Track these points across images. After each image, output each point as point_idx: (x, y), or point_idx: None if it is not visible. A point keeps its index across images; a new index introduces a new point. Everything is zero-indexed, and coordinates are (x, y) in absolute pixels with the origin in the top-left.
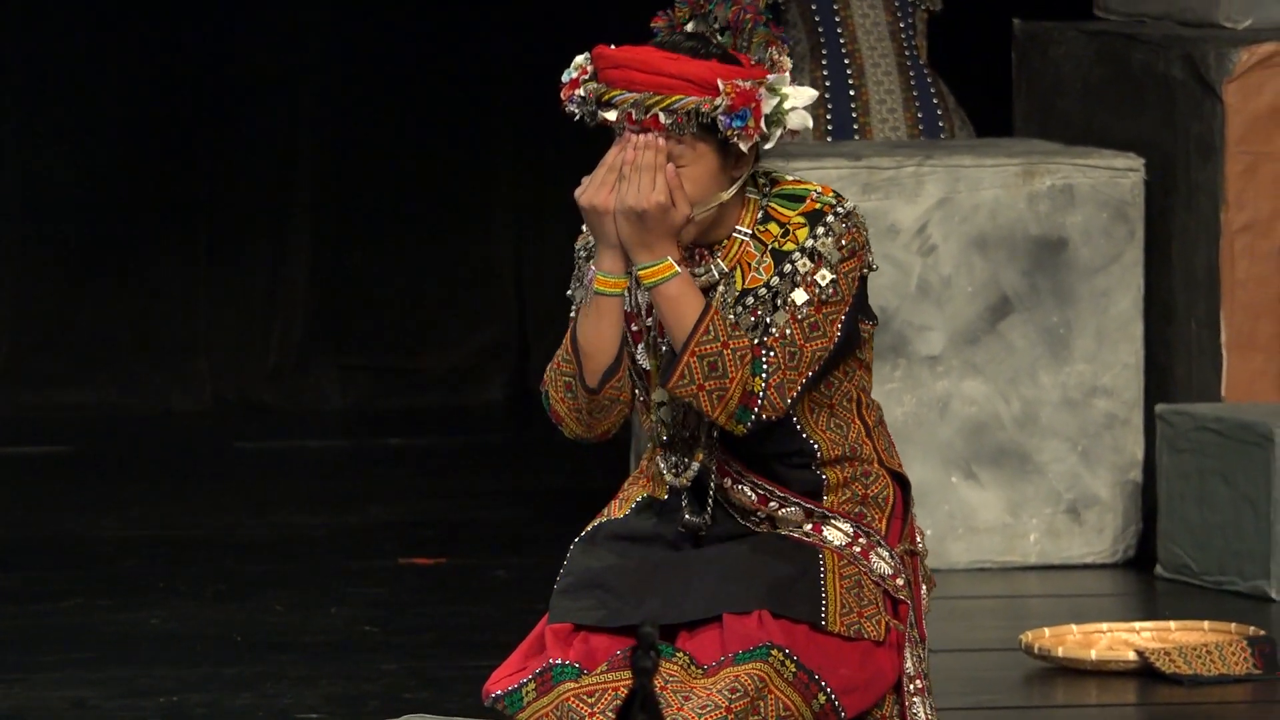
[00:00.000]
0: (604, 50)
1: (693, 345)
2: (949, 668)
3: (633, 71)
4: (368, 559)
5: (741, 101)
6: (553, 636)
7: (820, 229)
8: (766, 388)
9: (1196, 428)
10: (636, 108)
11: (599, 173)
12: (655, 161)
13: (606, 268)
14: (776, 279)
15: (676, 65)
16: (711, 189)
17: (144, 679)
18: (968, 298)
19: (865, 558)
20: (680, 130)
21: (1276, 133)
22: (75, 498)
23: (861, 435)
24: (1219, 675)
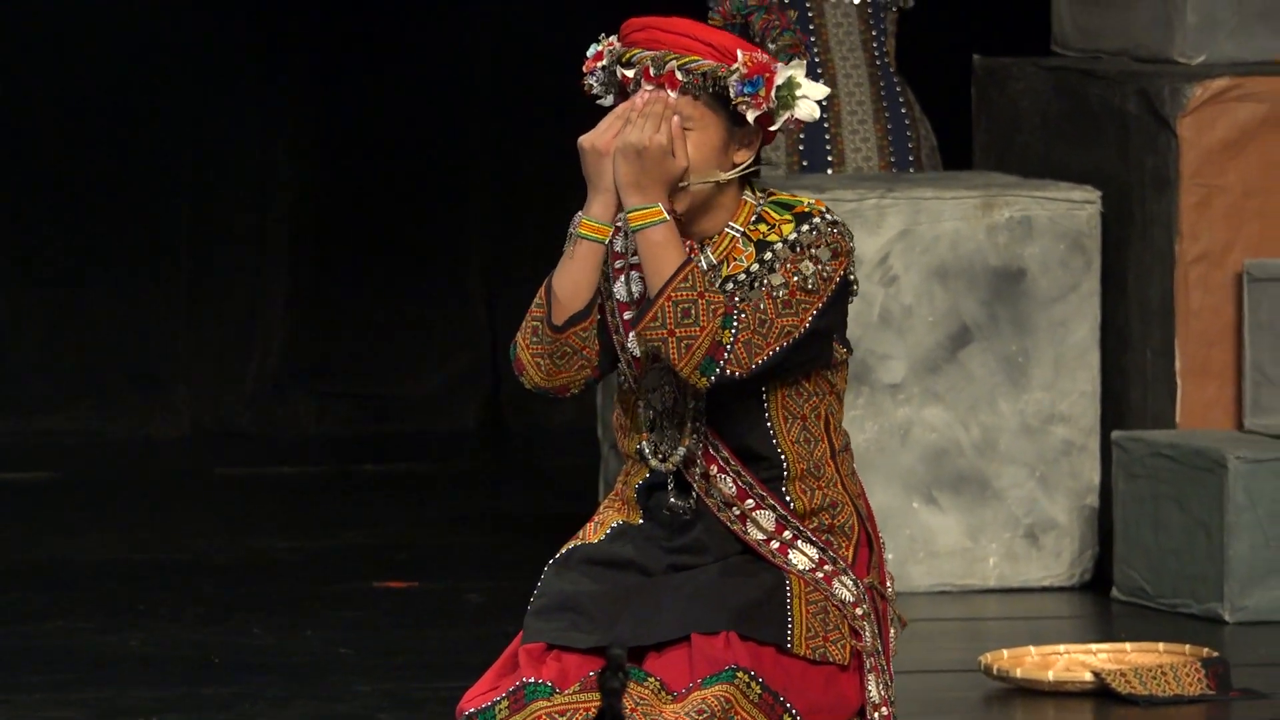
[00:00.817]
0: (633, 19)
1: (669, 290)
2: (910, 689)
3: (657, 31)
4: (343, 582)
5: (756, 71)
6: (526, 656)
7: (805, 226)
8: (735, 342)
9: (1151, 454)
10: (655, 63)
11: (605, 121)
12: (663, 111)
13: (595, 213)
14: (756, 265)
15: (700, 29)
16: (712, 162)
17: (124, 699)
18: (928, 327)
19: (829, 584)
20: (695, 91)
21: (1229, 166)
22: (57, 522)
23: (826, 455)
24: (1174, 696)
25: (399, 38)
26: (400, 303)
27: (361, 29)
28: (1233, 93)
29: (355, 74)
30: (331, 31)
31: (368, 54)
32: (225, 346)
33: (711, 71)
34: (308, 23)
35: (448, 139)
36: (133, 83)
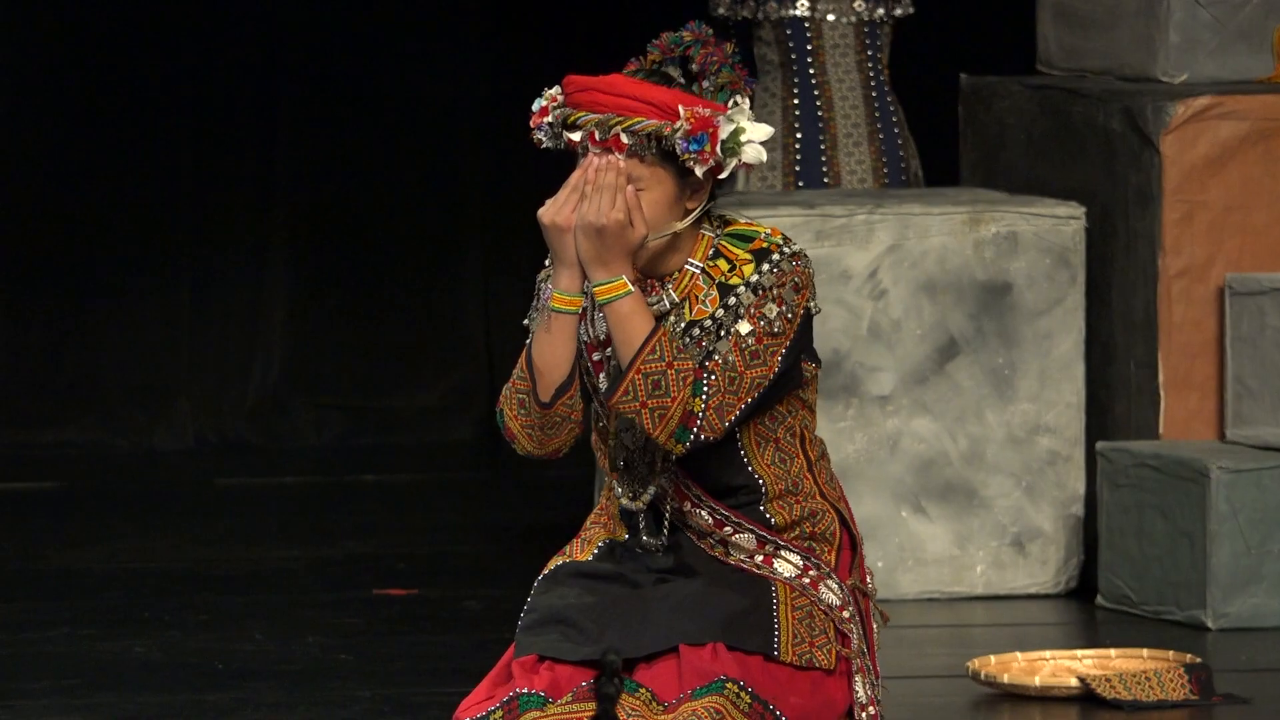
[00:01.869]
0: (573, 76)
1: (638, 363)
2: (899, 694)
3: (598, 93)
4: (343, 590)
5: (700, 127)
6: (519, 668)
7: (766, 265)
8: (706, 409)
9: (1135, 464)
10: (600, 127)
11: (562, 193)
12: (616, 181)
13: (564, 286)
14: (721, 310)
15: (640, 89)
16: (668, 216)
17: (128, 705)
18: (917, 340)
19: (815, 589)
20: (641, 151)
21: (1211, 182)
22: (63, 532)
23: (804, 470)
24: (1157, 701)
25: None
26: (398, 318)
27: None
28: (1214, 111)
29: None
30: (328, 44)
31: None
32: (226, 360)
33: (656, 132)
34: (304, 38)
35: (444, 156)
36: (134, 99)
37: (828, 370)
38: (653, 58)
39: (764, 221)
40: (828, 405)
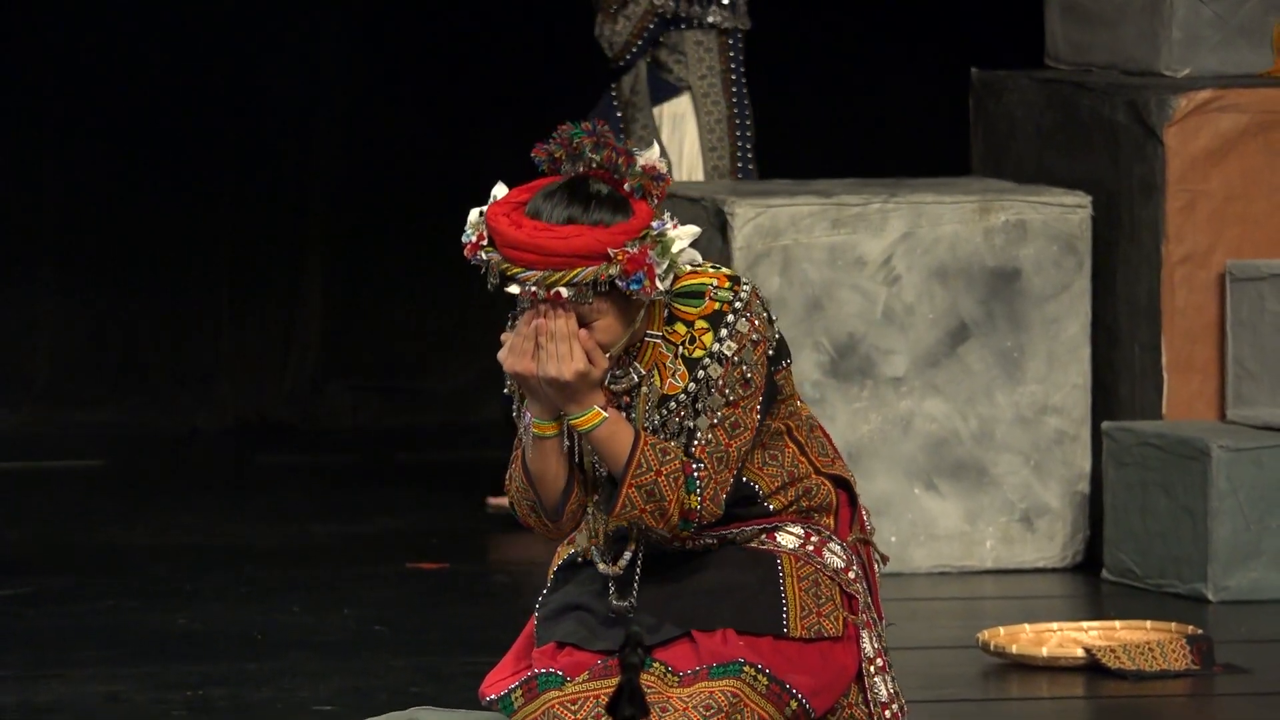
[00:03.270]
0: (497, 225)
1: (629, 479)
2: (911, 664)
3: (527, 254)
4: (377, 565)
5: (634, 266)
6: (539, 656)
7: (723, 331)
8: (702, 500)
9: (1139, 443)
10: (539, 285)
11: (516, 340)
12: (568, 329)
13: (538, 414)
14: (693, 384)
15: (566, 244)
16: (622, 330)
17: (171, 674)
18: (929, 324)
19: (819, 554)
20: (583, 299)
21: (1213, 172)
22: (110, 509)
23: (795, 456)
24: (1160, 671)
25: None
26: (430, 302)
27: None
28: (1215, 104)
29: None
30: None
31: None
32: (266, 344)
33: (593, 280)
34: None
35: (473, 148)
36: (175, 87)
37: (844, 353)
38: (557, 152)
39: (782, 215)
40: (844, 386)
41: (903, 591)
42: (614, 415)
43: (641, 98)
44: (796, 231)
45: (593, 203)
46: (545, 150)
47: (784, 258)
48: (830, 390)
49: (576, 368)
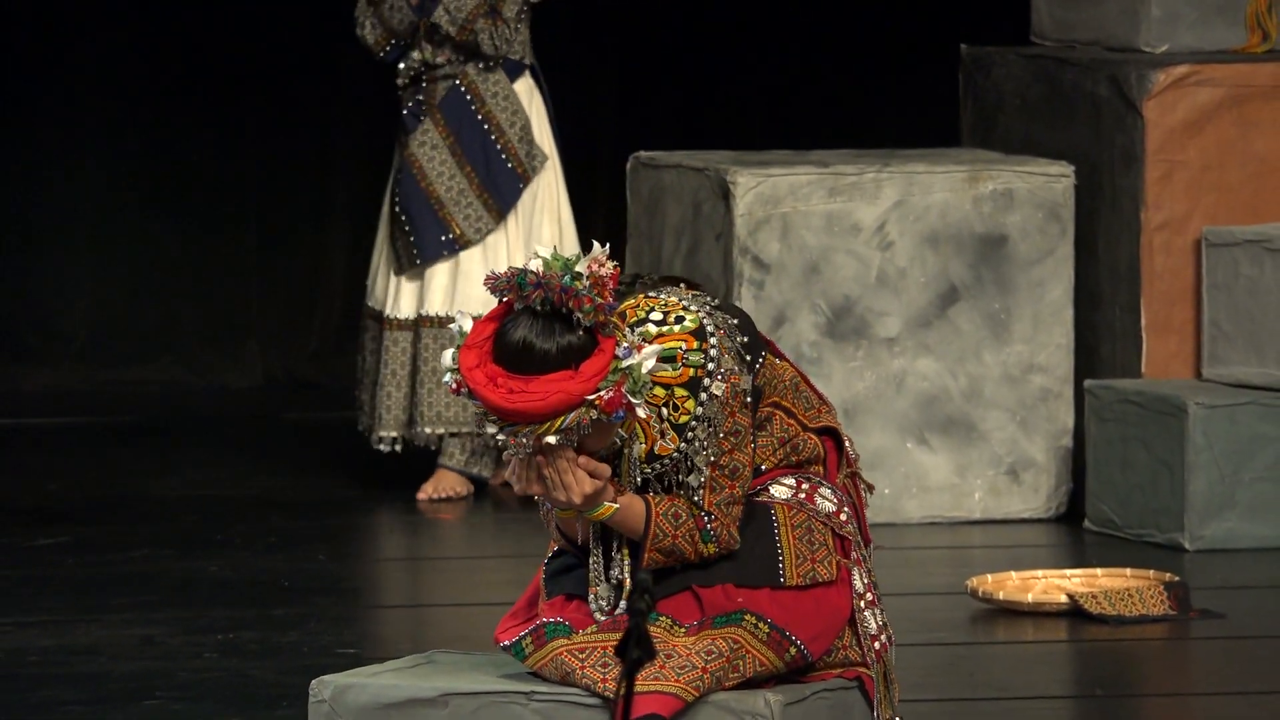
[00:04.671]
0: (476, 386)
1: (648, 545)
2: (903, 610)
3: (508, 414)
4: (397, 515)
5: (612, 406)
6: (547, 609)
7: (704, 395)
8: (719, 544)
9: (1120, 400)
10: (529, 438)
11: (520, 469)
12: (566, 463)
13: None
14: (684, 444)
15: (544, 404)
16: (610, 435)
17: (203, 619)
18: (921, 287)
19: (810, 501)
20: (569, 440)
21: (1190, 144)
22: (144, 462)
23: (783, 421)
24: (1139, 616)
25: None
26: None
27: None
28: (1192, 78)
29: None
30: None
31: None
32: (292, 305)
33: (576, 424)
34: None
35: None
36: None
37: (840, 315)
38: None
39: (782, 184)
40: (840, 346)
41: (895, 540)
42: (624, 501)
43: (500, 79)
44: (795, 199)
45: (556, 333)
46: (495, 287)
47: (783, 224)
48: (827, 350)
49: (584, 491)
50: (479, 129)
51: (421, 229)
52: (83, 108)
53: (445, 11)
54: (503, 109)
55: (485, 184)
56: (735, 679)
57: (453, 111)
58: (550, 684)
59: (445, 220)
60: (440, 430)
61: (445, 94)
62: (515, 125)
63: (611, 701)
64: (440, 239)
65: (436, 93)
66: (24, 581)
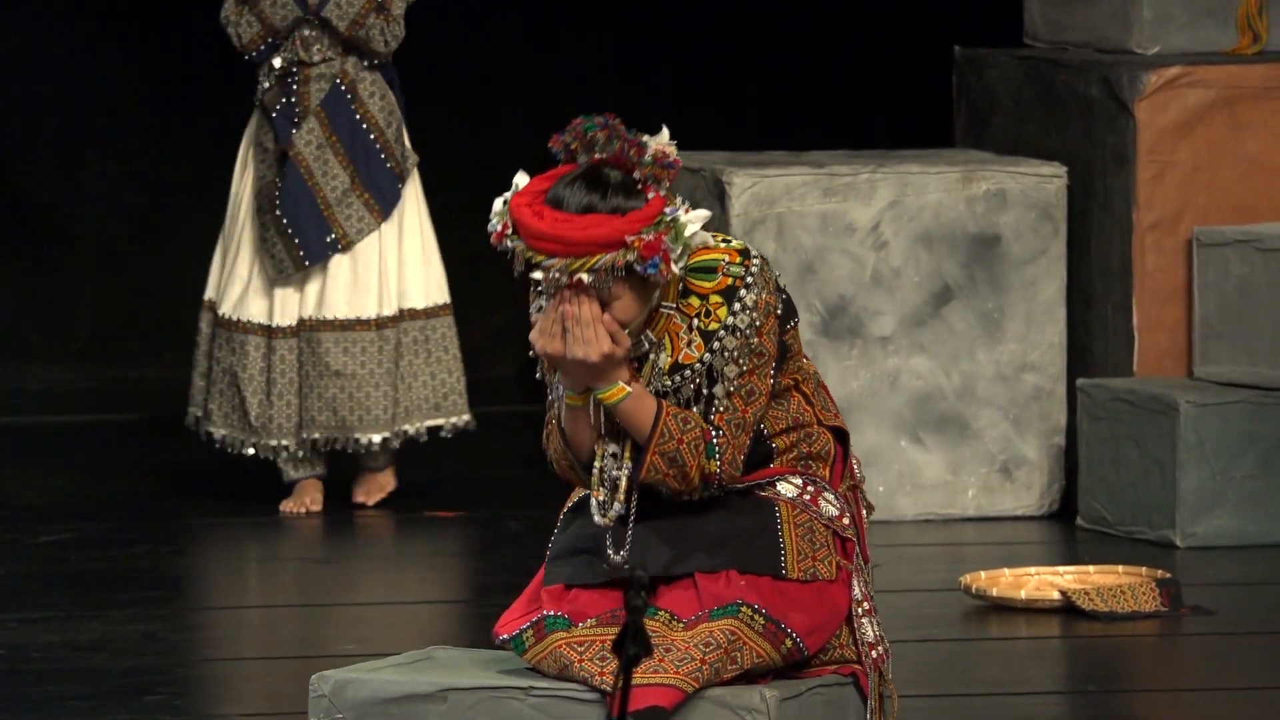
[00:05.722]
0: (520, 216)
1: (653, 446)
2: (897, 606)
3: (548, 243)
4: (399, 512)
5: (650, 252)
6: (547, 595)
7: (736, 304)
8: (721, 464)
9: (1112, 399)
10: (561, 272)
11: (545, 323)
12: (592, 314)
13: (570, 387)
14: (709, 354)
15: (585, 233)
16: (640, 308)
17: (204, 614)
18: (915, 286)
19: (815, 504)
20: (603, 283)
21: (1181, 144)
22: (147, 459)
23: (801, 404)
24: (1131, 612)
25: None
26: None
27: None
28: (1184, 80)
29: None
30: None
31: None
32: None
33: (611, 266)
34: None
35: (490, 117)
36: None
37: (835, 314)
38: (572, 144)
39: (779, 184)
40: (834, 345)
41: (889, 538)
42: (638, 389)
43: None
44: (790, 200)
45: (609, 191)
46: (561, 141)
47: (778, 224)
48: (822, 349)
49: (602, 349)
50: (358, 128)
51: (306, 231)
52: (86, 104)
53: (337, 6)
54: (380, 108)
55: (365, 184)
56: (733, 671)
57: (334, 110)
58: (548, 679)
59: (329, 220)
60: (330, 435)
61: (326, 93)
62: (392, 125)
63: (609, 695)
64: (325, 240)
65: (311, 92)
66: (27, 577)
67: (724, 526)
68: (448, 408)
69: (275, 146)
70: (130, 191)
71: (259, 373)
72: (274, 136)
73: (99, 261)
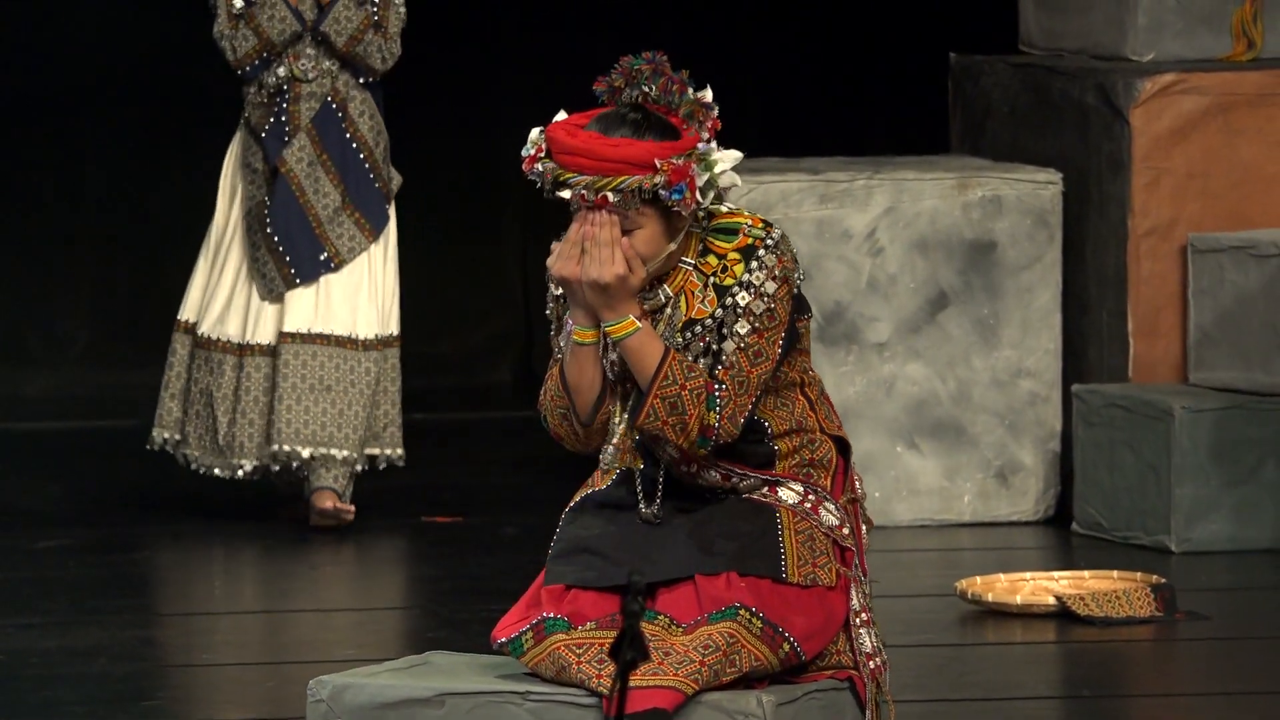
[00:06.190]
0: (555, 134)
1: (655, 389)
2: (894, 611)
3: (580, 158)
4: (395, 517)
5: (677, 177)
6: (547, 595)
7: (754, 263)
8: (721, 419)
9: (1107, 404)
10: (588, 189)
11: (564, 246)
12: (611, 236)
13: (580, 321)
14: (720, 310)
15: (617, 150)
16: (661, 245)
17: (202, 620)
18: (910, 292)
19: (815, 512)
20: (627, 205)
21: (1176, 151)
22: (144, 466)
23: (805, 409)
24: (1126, 617)
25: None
26: (445, 272)
27: None
28: (1178, 86)
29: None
30: None
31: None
32: None
33: (638, 187)
34: None
35: (487, 125)
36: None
37: (831, 320)
38: (616, 81)
39: (776, 190)
40: (831, 351)
41: (886, 543)
42: (647, 328)
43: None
44: (787, 206)
45: (645, 124)
46: (605, 81)
47: None
48: (818, 355)
49: (617, 271)
50: (348, 147)
51: (298, 249)
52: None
53: (335, 21)
54: (369, 128)
55: (355, 203)
56: (732, 674)
57: (325, 128)
58: (545, 684)
59: (321, 239)
60: (302, 449)
61: (317, 110)
62: (380, 145)
63: (606, 698)
64: (318, 258)
65: (301, 110)
66: (26, 583)
67: (725, 529)
68: (385, 439)
69: (265, 167)
70: (128, 198)
71: (230, 392)
72: (263, 156)
73: (97, 268)
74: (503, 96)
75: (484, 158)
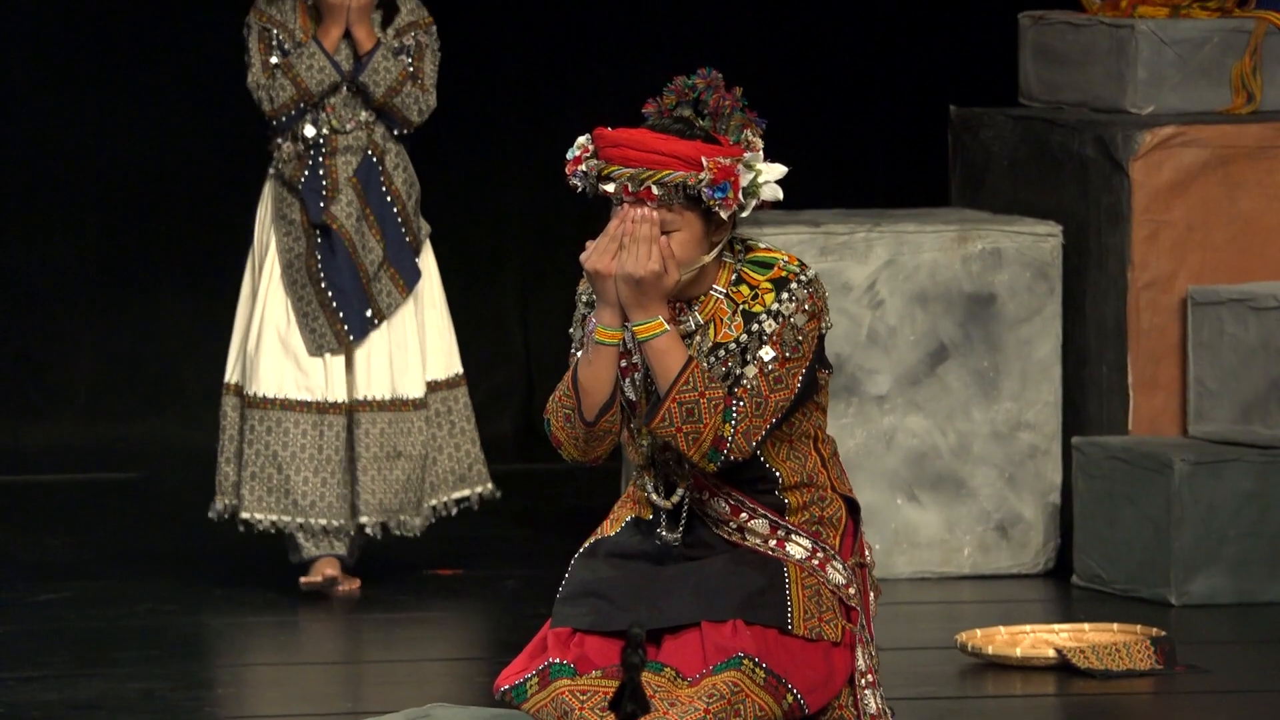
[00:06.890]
0: (603, 131)
1: (674, 393)
2: (894, 664)
3: (628, 150)
4: (397, 570)
5: (722, 176)
6: (554, 638)
7: (785, 294)
8: (735, 434)
9: (1107, 457)
10: (632, 181)
11: (602, 241)
12: (650, 233)
13: (606, 321)
14: (745, 335)
15: (666, 144)
16: (696, 253)
17: (205, 672)
18: (910, 345)
19: (823, 569)
20: (670, 200)
21: (1175, 203)
22: (145, 517)
23: (817, 465)
24: (1126, 670)
25: None
26: None
27: None
28: (1178, 139)
29: None
30: None
31: None
32: None
33: (682, 183)
34: None
35: (487, 179)
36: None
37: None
38: (669, 100)
39: (776, 242)
40: (831, 404)
41: (886, 596)
42: (673, 332)
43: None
44: None
45: (695, 128)
46: (655, 103)
47: None
48: None
49: (653, 267)
50: (384, 201)
51: (350, 305)
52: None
53: (374, 72)
54: (403, 180)
55: (392, 259)
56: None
57: (368, 182)
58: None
59: (368, 296)
60: (382, 519)
61: (359, 164)
62: (411, 198)
63: None
64: (365, 315)
65: (339, 164)
66: (26, 636)
67: (732, 578)
68: (472, 478)
69: (303, 219)
70: (127, 251)
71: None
72: (299, 208)
73: (97, 319)
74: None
75: (484, 212)
